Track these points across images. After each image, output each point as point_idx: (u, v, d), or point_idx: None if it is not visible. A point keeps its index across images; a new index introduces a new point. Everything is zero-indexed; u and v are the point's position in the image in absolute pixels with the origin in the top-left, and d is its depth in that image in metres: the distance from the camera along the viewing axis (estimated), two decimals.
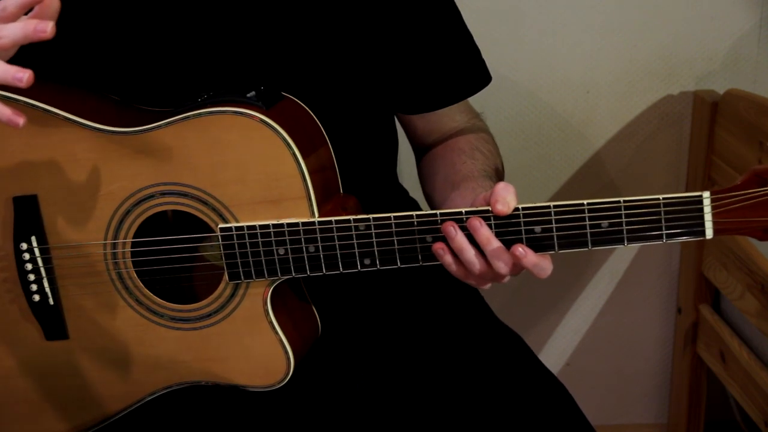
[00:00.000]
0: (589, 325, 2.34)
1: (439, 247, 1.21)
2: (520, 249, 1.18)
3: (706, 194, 1.16)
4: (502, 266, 1.19)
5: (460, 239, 1.20)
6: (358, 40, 1.41)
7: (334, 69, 1.40)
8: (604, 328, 2.34)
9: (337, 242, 1.24)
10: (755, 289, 1.87)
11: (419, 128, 1.54)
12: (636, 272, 2.29)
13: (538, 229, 1.19)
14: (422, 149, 1.56)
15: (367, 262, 1.25)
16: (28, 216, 1.31)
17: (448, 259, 1.21)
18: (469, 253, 1.20)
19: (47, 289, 1.34)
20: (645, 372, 2.38)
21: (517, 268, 1.20)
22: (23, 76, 1.11)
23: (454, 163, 1.44)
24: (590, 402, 1.36)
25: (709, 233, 1.17)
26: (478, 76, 1.52)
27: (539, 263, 1.19)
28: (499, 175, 1.45)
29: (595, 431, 1.35)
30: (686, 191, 2.16)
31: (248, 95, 1.24)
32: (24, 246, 1.33)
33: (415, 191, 1.63)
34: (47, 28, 1.09)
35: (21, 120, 1.14)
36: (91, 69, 1.36)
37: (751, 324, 1.94)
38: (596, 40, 2.11)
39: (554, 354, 2.35)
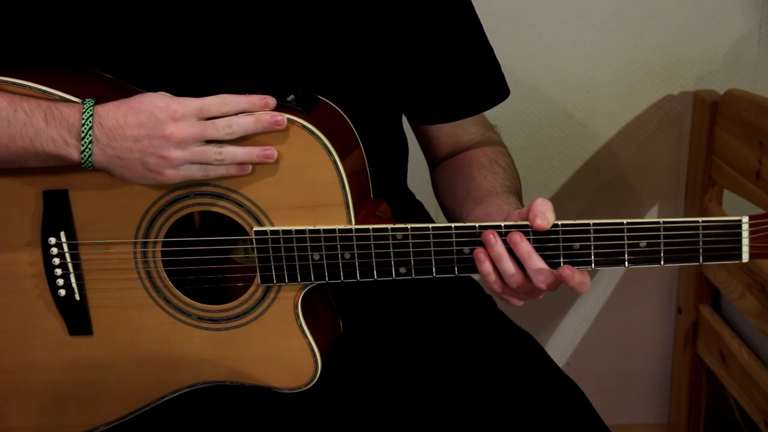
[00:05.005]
0: (589, 325, 2.35)
1: (479, 251, 1.21)
2: (568, 271, 1.18)
3: (745, 219, 1.17)
4: (542, 280, 1.20)
5: (499, 248, 1.20)
6: (380, 50, 1.40)
7: (354, 76, 1.40)
8: (604, 328, 2.35)
9: (373, 250, 1.23)
10: (755, 289, 1.88)
11: (435, 139, 1.54)
12: (636, 272, 2.29)
13: (576, 245, 1.20)
14: (437, 160, 1.57)
15: (402, 270, 1.24)
16: (57, 211, 1.30)
17: (486, 267, 1.21)
18: (508, 263, 1.20)
19: (74, 285, 1.33)
20: (645, 372, 2.39)
21: (557, 284, 1.21)
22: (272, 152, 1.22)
23: (474, 177, 1.44)
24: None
25: (745, 257, 1.18)
26: (497, 90, 1.52)
27: (583, 280, 1.20)
28: (520, 192, 1.46)
29: (609, 429, 1.36)
30: (686, 191, 2.19)
31: (288, 99, 1.23)
32: (52, 240, 1.31)
33: (420, 193, 1.63)
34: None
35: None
36: (126, 68, 1.34)
37: (751, 324, 1.95)
38: (596, 40, 2.11)
39: (554, 354, 2.31)
